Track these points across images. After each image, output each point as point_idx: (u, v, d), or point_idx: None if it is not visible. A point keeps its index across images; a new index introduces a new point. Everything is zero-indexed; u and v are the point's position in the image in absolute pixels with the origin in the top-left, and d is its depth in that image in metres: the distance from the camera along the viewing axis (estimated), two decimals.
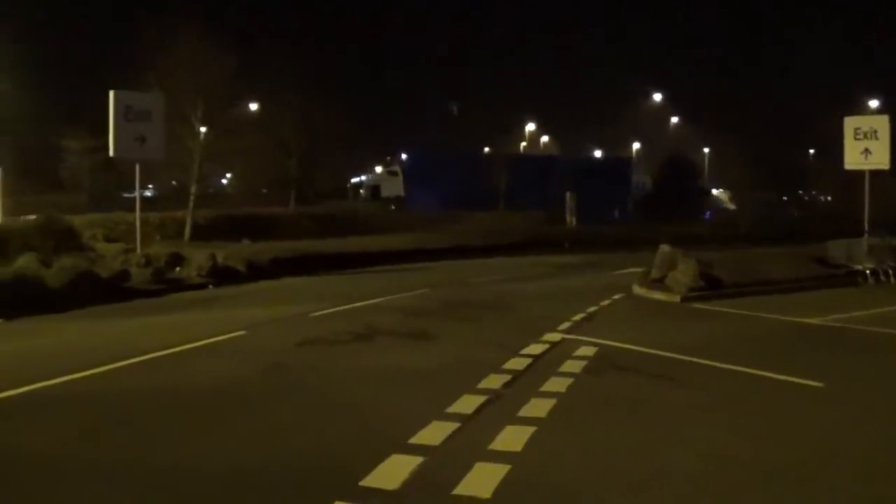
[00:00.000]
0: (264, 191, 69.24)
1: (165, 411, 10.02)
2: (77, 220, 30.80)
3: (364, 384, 11.42)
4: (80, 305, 19.84)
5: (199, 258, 26.80)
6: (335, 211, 57.25)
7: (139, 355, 13.42)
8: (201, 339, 15.00)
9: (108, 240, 31.86)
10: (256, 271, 27.80)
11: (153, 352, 13.75)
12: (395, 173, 75.62)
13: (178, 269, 26.32)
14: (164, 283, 24.40)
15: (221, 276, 26.32)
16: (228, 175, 64.84)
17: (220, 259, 27.05)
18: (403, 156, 79.82)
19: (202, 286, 25.24)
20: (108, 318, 18.53)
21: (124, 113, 27.69)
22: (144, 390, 11.20)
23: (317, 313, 18.64)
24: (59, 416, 9.84)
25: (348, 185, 77.74)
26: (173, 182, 45.92)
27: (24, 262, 22.59)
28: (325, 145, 63.29)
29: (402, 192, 72.74)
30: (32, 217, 29.46)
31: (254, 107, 57.81)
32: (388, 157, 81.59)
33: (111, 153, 28.19)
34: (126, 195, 52.89)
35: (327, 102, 59.42)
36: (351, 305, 20.00)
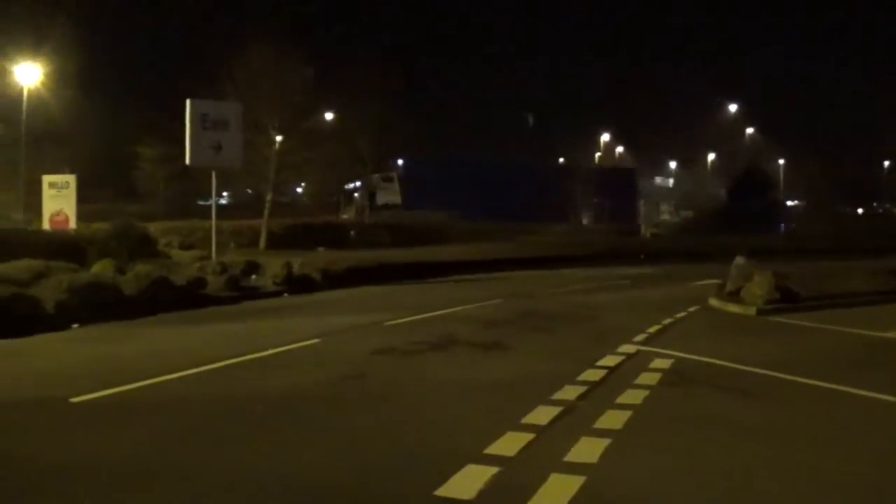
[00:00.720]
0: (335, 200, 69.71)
1: (241, 418, 10.02)
2: (152, 228, 31.19)
3: (439, 394, 11.36)
4: (155, 312, 20.08)
5: (274, 266, 26.98)
6: (409, 221, 57.34)
7: (215, 362, 13.50)
8: (277, 347, 15.05)
9: (183, 247, 32.24)
10: (331, 280, 27.95)
11: (229, 359, 13.83)
12: (390, 179, 69.71)
13: (253, 276, 26.52)
14: (239, 291, 24.65)
15: (296, 284, 26.52)
16: (304, 184, 65.48)
17: (295, 267, 27.20)
18: (399, 161, 76.90)
19: (277, 294, 25.49)
20: (184, 325, 18.74)
21: (201, 121, 28.04)
22: (220, 397, 11.24)
23: (392, 322, 18.63)
24: (138, 421, 9.87)
25: (343, 193, 70.55)
26: (248, 190, 46.43)
27: (100, 269, 22.95)
28: (399, 155, 63.87)
29: (398, 200, 67.66)
30: (106, 224, 29.84)
31: (329, 116, 58.22)
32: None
33: (187, 161, 28.55)
34: (201, 203, 53.59)
35: (401, 112, 59.63)
36: (425, 315, 19.99)
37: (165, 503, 7.08)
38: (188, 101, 28.18)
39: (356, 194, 67.41)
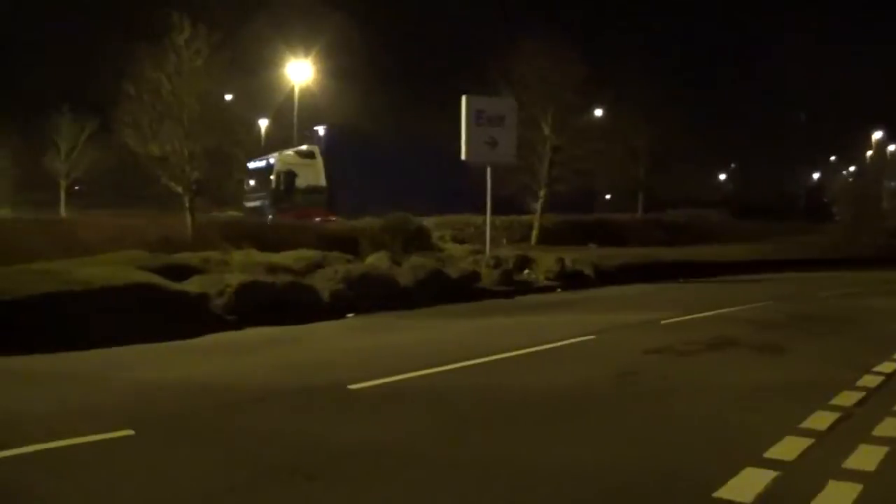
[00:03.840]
0: (608, 196, 69.04)
1: (513, 411, 9.83)
2: (427, 221, 31.59)
3: (714, 395, 10.83)
4: (429, 304, 20.23)
5: (547, 261, 26.81)
6: (682, 218, 56.11)
7: (489, 355, 13.34)
8: (550, 342, 14.73)
9: (456, 241, 32.48)
10: (604, 276, 27.53)
11: (502, 352, 13.62)
12: (310, 155, 47.76)
13: (526, 271, 26.41)
14: (513, 285, 24.53)
15: (569, 279, 26.26)
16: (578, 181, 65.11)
17: (567, 263, 26.91)
18: (320, 131, 52.93)
19: (550, 289, 25.32)
20: (458, 318, 18.76)
21: (476, 117, 28.13)
22: (492, 389, 11.11)
23: (665, 321, 18.01)
24: (412, 410, 9.89)
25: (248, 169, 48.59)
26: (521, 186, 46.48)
27: (375, 260, 23.35)
28: (673, 152, 62.15)
29: (321, 182, 47.01)
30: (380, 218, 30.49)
31: (600, 113, 57.67)
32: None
33: (462, 157, 28.66)
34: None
35: (675, 109, 58.39)
36: (699, 315, 19.26)
37: (434, 490, 6.98)
38: (464, 98, 28.32)
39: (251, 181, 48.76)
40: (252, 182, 47.16)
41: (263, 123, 59.69)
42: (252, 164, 47.31)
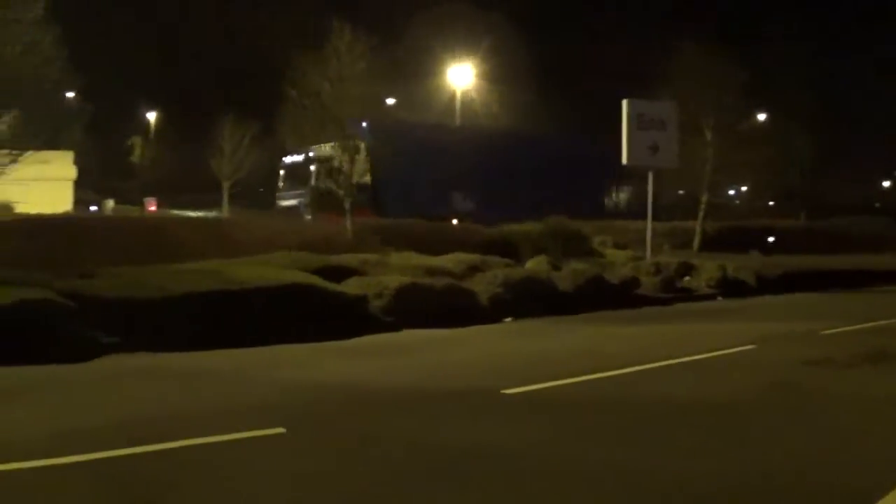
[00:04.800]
0: (770, 203, 67.28)
1: (669, 421, 9.66)
2: (586, 226, 31.25)
3: (873, 410, 10.42)
4: (588, 309, 20.03)
5: (708, 268, 26.32)
6: (845, 226, 54.12)
7: (647, 363, 13.17)
8: (707, 352, 14.45)
9: (616, 247, 32.03)
10: (765, 284, 26.83)
11: (661, 360, 13.46)
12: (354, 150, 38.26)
13: (686, 278, 25.95)
14: (673, 293, 24.21)
15: (729, 287, 25.75)
16: (739, 186, 63.68)
17: (729, 270, 26.35)
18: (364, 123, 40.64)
19: (710, 297, 24.89)
20: (617, 324, 18.58)
21: (637, 121, 27.73)
22: (650, 398, 10.95)
23: (827, 332, 17.43)
24: (565, 417, 9.80)
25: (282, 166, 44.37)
26: (680, 191, 45.59)
27: (535, 265, 23.25)
28: (835, 158, 60.07)
29: (365, 179, 38.45)
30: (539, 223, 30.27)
31: (763, 117, 56.21)
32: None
33: (624, 161, 28.30)
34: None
35: (839, 114, 56.48)
36: (862, 325, 18.59)
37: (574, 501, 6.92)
38: (624, 101, 27.98)
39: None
40: (286, 179, 42.73)
41: None
42: (287, 159, 41.99)
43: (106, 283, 14.89)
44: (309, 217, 36.42)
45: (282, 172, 42.65)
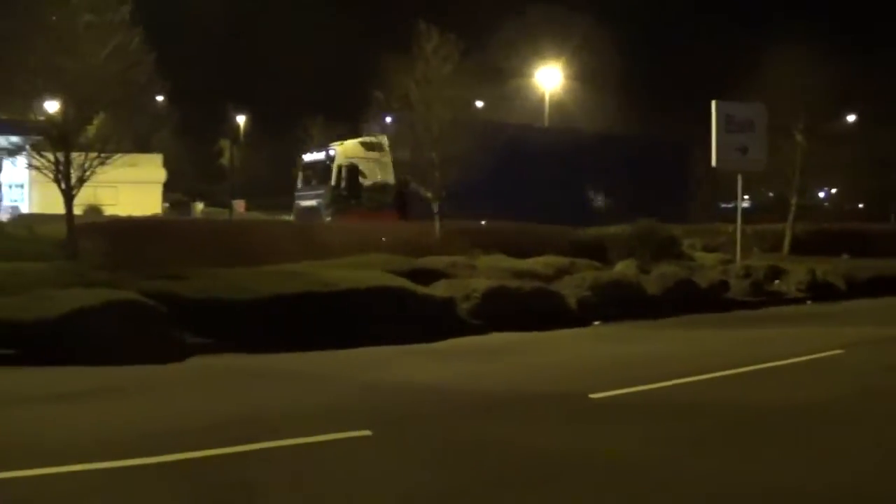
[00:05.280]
0: (860, 205, 66.05)
1: (753, 427, 9.67)
2: (676, 230, 31.05)
3: None
4: (677, 313, 19.97)
5: (798, 272, 25.96)
6: None
7: (733, 367, 13.15)
8: (795, 356, 14.39)
9: (706, 250, 31.79)
10: (856, 288, 26.32)
11: (746, 365, 13.38)
12: (377, 147, 38.09)
13: (776, 282, 25.64)
14: (762, 296, 23.95)
15: (819, 291, 25.36)
16: (828, 189, 62.55)
17: (818, 274, 25.96)
18: (389, 118, 37.96)
19: (800, 301, 24.54)
20: (705, 328, 18.55)
21: (726, 123, 27.51)
22: (736, 404, 10.92)
23: None
24: (651, 422, 9.82)
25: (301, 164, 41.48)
26: (770, 194, 45.04)
27: (624, 268, 23.26)
28: None
29: (389, 179, 37.72)
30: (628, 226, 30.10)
31: (853, 119, 55.17)
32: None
33: (713, 163, 28.12)
34: (723, 206, 52.91)
35: None
36: None
37: None
38: (713, 103, 27.79)
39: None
40: (305, 178, 39.28)
41: None
42: (307, 157, 39.29)
43: (195, 285, 15.27)
44: (329, 219, 34.13)
45: (301, 172, 40.18)
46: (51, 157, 18.63)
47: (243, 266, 17.76)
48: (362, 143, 37.94)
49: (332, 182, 36.47)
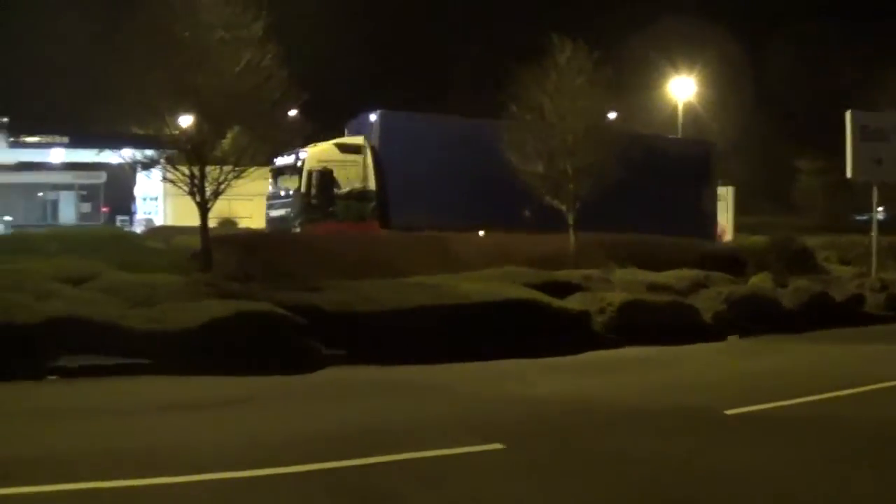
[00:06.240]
0: None
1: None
2: (811, 242, 30.70)
3: None
4: (812, 328, 19.74)
5: None
6: None
7: (872, 383, 12.95)
8: None
9: (842, 263, 31.33)
10: None
11: (886, 381, 13.19)
12: (354, 150, 32.99)
13: None
14: None
15: None
16: None
17: None
18: (371, 117, 33.77)
19: None
20: (841, 343, 18.37)
21: (861, 133, 27.10)
22: (883, 421, 10.71)
23: None
24: (789, 439, 9.77)
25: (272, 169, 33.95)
26: None
27: (759, 281, 23.15)
28: None
29: (369, 185, 32.31)
30: (764, 237, 29.85)
31: None
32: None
33: (848, 174, 27.75)
34: (858, 218, 51.82)
35: None
36: None
37: None
38: (848, 113, 27.40)
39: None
40: (277, 184, 34.17)
41: None
42: (278, 161, 32.52)
43: (329, 297, 15.63)
44: (297, 229, 30.73)
45: (271, 177, 34.64)
46: (185, 170, 19.03)
47: (375, 278, 18.01)
48: (338, 146, 32.81)
49: (302, 189, 31.80)
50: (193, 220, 20.14)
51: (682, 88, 49.47)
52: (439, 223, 26.69)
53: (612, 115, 30.37)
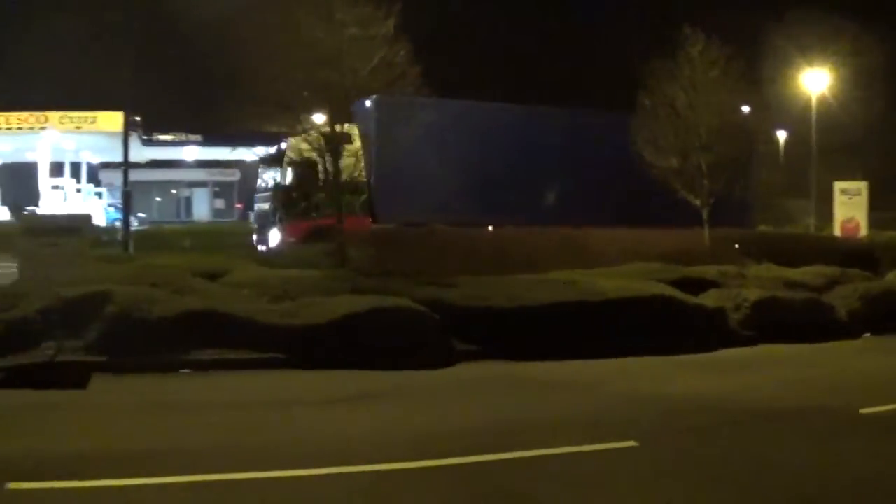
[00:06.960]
0: None
1: None
2: None
3: None
4: None
5: None
6: None
7: None
8: None
9: None
10: None
11: None
12: (345, 139, 24.74)
13: None
14: None
15: None
16: None
17: None
18: (367, 103, 25.77)
19: None
20: None
21: None
22: None
23: None
24: None
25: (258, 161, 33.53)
26: None
27: (894, 278, 22.96)
28: None
29: (360, 177, 25.75)
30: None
31: None
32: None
33: None
34: None
35: None
36: None
37: None
38: None
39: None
40: (263, 178, 32.33)
41: (782, 135, 58.96)
42: (262, 152, 31.25)
43: (464, 293, 15.90)
44: (279, 224, 28.92)
45: (260, 169, 32.92)
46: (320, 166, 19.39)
47: (506, 274, 18.21)
48: (324, 135, 26.55)
49: (284, 181, 29.45)
50: None
51: (815, 81, 48.36)
52: (443, 218, 25.65)
53: (745, 109, 29.69)
